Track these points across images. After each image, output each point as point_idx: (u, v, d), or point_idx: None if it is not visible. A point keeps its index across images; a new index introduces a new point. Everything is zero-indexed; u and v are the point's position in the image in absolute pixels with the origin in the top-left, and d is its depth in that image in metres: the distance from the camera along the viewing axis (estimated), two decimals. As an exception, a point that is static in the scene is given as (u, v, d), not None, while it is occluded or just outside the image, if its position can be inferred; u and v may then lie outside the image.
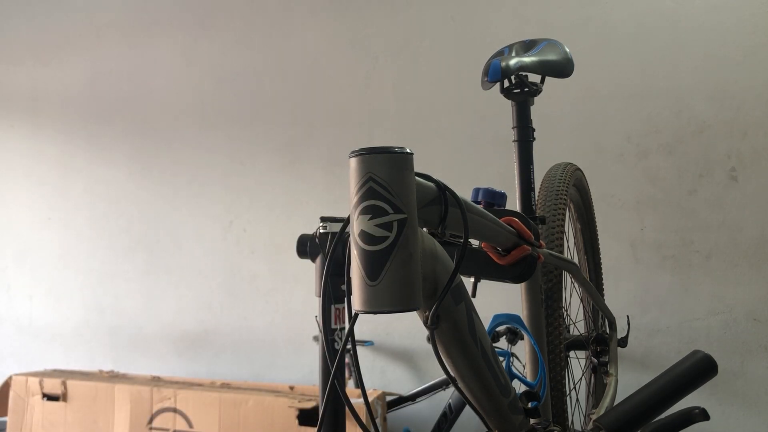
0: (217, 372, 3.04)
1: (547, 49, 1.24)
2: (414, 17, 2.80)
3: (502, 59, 1.19)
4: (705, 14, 2.29)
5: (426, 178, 0.53)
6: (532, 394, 0.69)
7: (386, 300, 0.44)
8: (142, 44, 3.38)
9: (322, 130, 2.95)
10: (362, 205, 0.45)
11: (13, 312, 3.59)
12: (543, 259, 0.83)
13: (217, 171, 3.15)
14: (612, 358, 1.44)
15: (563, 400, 1.26)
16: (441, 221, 0.53)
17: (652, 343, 2.29)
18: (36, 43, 3.65)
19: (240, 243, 3.09)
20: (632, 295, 2.29)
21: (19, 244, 3.61)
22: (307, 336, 2.82)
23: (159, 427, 2.44)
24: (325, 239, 1.20)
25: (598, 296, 1.43)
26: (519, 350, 1.23)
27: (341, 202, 2.82)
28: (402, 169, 0.46)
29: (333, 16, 2.97)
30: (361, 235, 0.45)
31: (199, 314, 3.14)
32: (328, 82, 2.96)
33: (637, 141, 2.34)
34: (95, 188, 3.43)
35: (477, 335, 0.58)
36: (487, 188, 0.93)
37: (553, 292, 1.26)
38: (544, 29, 2.45)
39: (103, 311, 3.36)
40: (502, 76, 1.18)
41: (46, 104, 3.61)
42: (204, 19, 3.25)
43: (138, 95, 3.38)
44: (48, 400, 2.62)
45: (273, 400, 2.24)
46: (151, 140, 3.32)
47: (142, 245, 3.30)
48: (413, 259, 0.45)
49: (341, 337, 1.19)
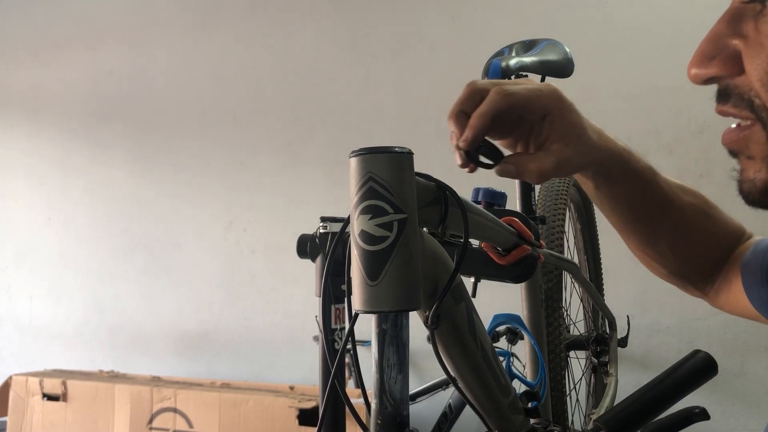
0: (217, 372, 3.04)
1: (547, 49, 1.24)
2: (414, 17, 2.80)
3: (502, 59, 1.19)
4: (705, 14, 2.28)
5: (426, 178, 0.53)
6: (532, 394, 0.69)
7: (386, 300, 0.44)
8: (142, 44, 3.38)
9: (322, 130, 2.95)
10: (362, 205, 0.45)
11: (13, 312, 3.59)
12: (543, 259, 0.83)
13: (217, 171, 3.15)
14: (612, 358, 1.44)
15: (563, 400, 1.26)
16: (441, 221, 0.53)
17: (652, 343, 2.29)
18: (36, 43, 3.65)
19: (240, 243, 3.08)
20: (632, 295, 2.29)
21: (19, 244, 3.61)
22: (307, 336, 2.82)
23: (159, 427, 2.44)
24: (325, 239, 1.20)
25: (598, 296, 1.43)
26: (519, 350, 1.23)
27: (341, 202, 2.82)
28: (402, 168, 0.45)
29: (333, 16, 2.97)
30: (361, 235, 0.45)
31: (199, 314, 3.14)
32: (328, 82, 2.96)
33: (637, 141, 2.34)
34: (95, 188, 3.43)
35: (477, 335, 0.58)
36: (487, 188, 0.93)
37: (553, 292, 1.25)
38: (544, 29, 2.45)
39: (103, 311, 3.36)
40: (502, 75, 1.18)
41: (46, 104, 3.61)
42: (204, 19, 3.25)
43: (138, 95, 3.38)
44: (48, 400, 2.62)
45: (273, 400, 2.24)
46: (151, 140, 3.32)
47: (142, 245, 3.30)
48: (413, 259, 0.45)
49: (341, 337, 1.19)
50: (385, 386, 0.46)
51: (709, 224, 0.73)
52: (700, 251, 0.74)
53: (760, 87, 0.41)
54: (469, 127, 0.49)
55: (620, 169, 0.62)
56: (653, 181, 0.66)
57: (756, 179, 0.43)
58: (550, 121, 0.54)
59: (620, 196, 0.66)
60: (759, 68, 0.41)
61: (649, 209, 0.68)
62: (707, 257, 0.74)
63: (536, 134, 0.56)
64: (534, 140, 0.57)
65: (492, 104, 0.49)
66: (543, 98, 0.53)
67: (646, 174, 0.65)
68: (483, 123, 0.49)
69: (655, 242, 0.72)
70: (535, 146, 0.57)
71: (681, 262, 0.75)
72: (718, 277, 0.75)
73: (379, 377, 0.46)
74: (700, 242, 0.73)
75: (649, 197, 0.66)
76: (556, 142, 0.55)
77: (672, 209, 0.69)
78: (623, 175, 0.63)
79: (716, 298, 0.77)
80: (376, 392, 0.47)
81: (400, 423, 0.46)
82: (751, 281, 0.68)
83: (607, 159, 0.60)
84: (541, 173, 0.53)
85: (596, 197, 0.68)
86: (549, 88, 0.54)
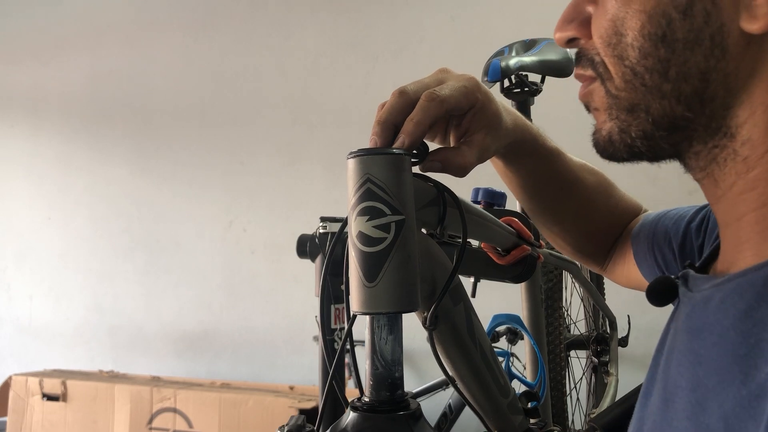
0: (217, 372, 3.04)
1: (547, 49, 1.24)
2: (414, 17, 2.80)
3: (502, 59, 1.19)
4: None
5: (424, 179, 0.53)
6: (532, 394, 0.69)
7: (384, 301, 0.44)
8: (142, 44, 3.38)
9: (322, 130, 2.95)
10: (360, 206, 0.45)
11: (13, 312, 3.59)
12: (543, 258, 0.83)
13: (217, 171, 3.15)
14: (612, 357, 1.44)
15: (563, 400, 1.26)
16: (440, 222, 0.53)
17: (652, 343, 2.28)
18: (36, 43, 3.65)
19: (240, 243, 3.08)
20: (632, 294, 2.28)
21: (19, 244, 3.61)
22: (307, 336, 2.82)
23: (159, 427, 2.44)
24: (324, 239, 1.20)
25: (599, 296, 1.43)
26: (519, 350, 1.23)
27: (341, 202, 2.81)
28: (400, 170, 0.45)
29: (333, 16, 2.97)
30: (359, 237, 0.44)
31: (199, 314, 3.14)
32: (328, 82, 2.96)
33: (638, 141, 2.34)
34: (95, 188, 3.43)
35: (476, 336, 0.58)
36: (487, 188, 0.93)
37: (553, 291, 1.26)
38: (544, 29, 2.45)
39: (103, 311, 3.36)
40: (502, 75, 1.18)
41: (46, 104, 3.61)
42: (204, 19, 3.25)
43: (138, 95, 3.38)
44: (48, 400, 2.62)
45: (273, 400, 2.24)
46: (151, 140, 3.32)
47: (142, 245, 3.30)
48: (411, 260, 0.45)
49: (341, 337, 1.19)
50: (376, 347, 0.46)
51: (611, 202, 0.78)
52: (602, 228, 0.78)
53: (600, 45, 0.46)
54: (407, 134, 0.50)
55: (529, 147, 0.65)
56: (559, 160, 0.69)
57: (602, 129, 0.48)
58: (473, 113, 0.55)
59: (528, 174, 0.69)
60: (601, 27, 0.45)
61: (555, 187, 0.71)
62: (608, 234, 0.79)
63: (456, 126, 0.57)
64: (454, 132, 0.58)
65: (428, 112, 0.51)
66: (469, 95, 0.54)
67: (552, 153, 0.68)
68: (421, 130, 0.50)
69: (561, 220, 0.75)
70: (455, 138, 0.58)
71: (584, 239, 0.79)
72: (614, 252, 0.80)
73: (371, 339, 0.46)
74: (601, 219, 0.78)
75: (555, 175, 0.69)
76: (477, 133, 0.56)
77: (577, 188, 0.72)
78: (531, 153, 0.65)
79: (613, 271, 0.82)
80: (367, 354, 0.47)
81: (391, 384, 0.46)
82: (640, 251, 0.72)
83: (518, 139, 0.62)
84: (465, 167, 0.54)
85: (505, 175, 0.71)
86: (471, 83, 0.55)
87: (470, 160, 0.54)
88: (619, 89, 0.45)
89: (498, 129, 0.57)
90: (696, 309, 0.45)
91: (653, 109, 0.44)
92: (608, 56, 0.45)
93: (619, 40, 0.44)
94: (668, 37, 0.42)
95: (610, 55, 0.45)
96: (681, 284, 0.49)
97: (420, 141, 0.51)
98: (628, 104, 0.45)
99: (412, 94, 0.52)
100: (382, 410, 0.46)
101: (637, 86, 0.44)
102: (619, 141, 0.47)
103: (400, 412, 0.46)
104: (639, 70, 0.43)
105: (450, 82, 0.54)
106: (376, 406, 0.46)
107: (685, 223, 0.66)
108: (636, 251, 0.73)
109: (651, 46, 0.42)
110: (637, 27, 0.43)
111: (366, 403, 0.47)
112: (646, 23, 0.42)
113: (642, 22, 0.42)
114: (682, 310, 0.48)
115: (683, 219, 0.67)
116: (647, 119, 0.44)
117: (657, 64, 0.42)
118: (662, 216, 0.71)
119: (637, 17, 0.43)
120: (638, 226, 0.74)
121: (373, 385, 0.46)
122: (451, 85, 0.53)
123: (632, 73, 0.44)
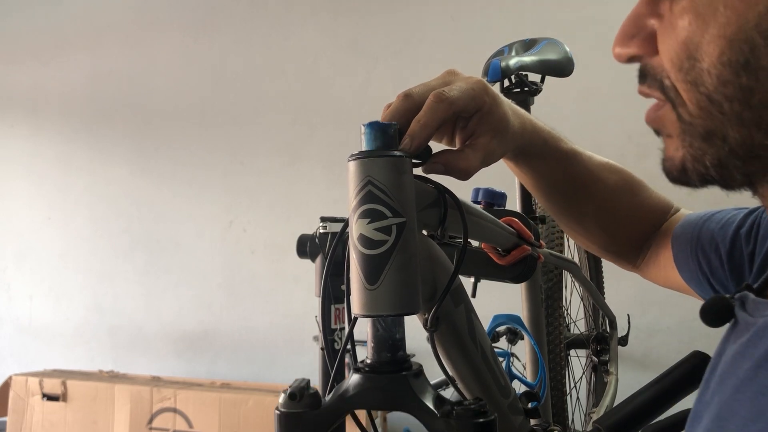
0: (217, 372, 3.04)
1: (547, 49, 1.24)
2: (414, 17, 2.80)
3: (501, 59, 1.19)
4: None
5: (425, 181, 0.53)
6: (532, 394, 0.69)
7: (385, 304, 0.44)
8: (142, 44, 3.38)
9: (322, 130, 2.95)
10: (361, 208, 0.45)
11: (13, 312, 3.59)
12: (543, 258, 0.83)
13: (217, 171, 3.15)
14: (612, 356, 1.44)
15: (563, 400, 1.26)
16: (440, 224, 0.53)
17: (652, 343, 2.29)
18: (36, 43, 3.65)
19: (240, 243, 3.09)
20: (632, 294, 2.29)
21: (19, 244, 3.61)
22: (307, 336, 2.82)
23: (159, 427, 2.44)
24: (325, 239, 1.20)
25: (599, 295, 1.43)
26: (519, 350, 1.23)
27: (341, 202, 2.81)
28: (401, 172, 0.45)
29: (333, 16, 2.97)
30: (360, 239, 0.44)
31: (199, 314, 3.14)
32: (328, 82, 2.96)
33: (637, 141, 2.34)
34: (95, 188, 3.43)
35: (476, 336, 0.58)
36: (487, 188, 0.93)
37: (553, 291, 1.26)
38: (544, 29, 2.45)
39: (103, 311, 3.36)
40: (501, 75, 1.17)
41: (46, 104, 3.61)
42: (204, 19, 3.25)
43: (138, 95, 3.38)
44: (48, 400, 2.63)
45: (273, 400, 2.24)
46: (151, 140, 3.32)
47: (142, 245, 3.30)
48: (412, 262, 0.45)
49: (341, 337, 1.19)
50: None
51: (635, 201, 0.76)
52: (628, 227, 0.77)
53: (670, 67, 0.42)
54: (413, 136, 0.49)
55: (538, 150, 0.64)
56: (575, 162, 0.68)
57: (675, 157, 0.45)
58: (480, 117, 0.54)
59: (540, 176, 0.68)
60: (669, 48, 0.42)
61: (570, 188, 0.70)
62: (635, 232, 0.77)
63: (462, 128, 0.56)
64: (460, 134, 0.57)
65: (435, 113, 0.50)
66: (476, 97, 0.53)
67: (566, 155, 0.66)
68: (428, 132, 0.49)
69: (582, 220, 0.75)
70: (461, 140, 0.57)
71: (609, 238, 0.78)
72: (648, 251, 0.78)
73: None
74: (626, 219, 0.76)
75: (569, 177, 0.68)
76: (483, 137, 0.55)
77: (596, 188, 0.71)
78: (541, 156, 0.64)
79: (647, 270, 0.80)
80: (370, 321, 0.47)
81: (392, 345, 0.46)
82: (681, 254, 0.70)
83: (526, 143, 0.61)
84: (468, 171, 0.53)
85: (519, 176, 0.70)
86: (479, 85, 0.53)
87: (474, 163, 0.53)
88: (693, 116, 0.42)
89: (504, 133, 0.56)
90: (758, 336, 0.43)
91: (731, 137, 0.40)
92: (680, 81, 0.42)
93: (693, 65, 0.40)
94: (752, 65, 0.38)
95: (682, 80, 0.41)
96: (738, 307, 0.47)
97: (426, 143, 0.50)
98: (704, 131, 0.41)
99: (417, 97, 0.51)
100: (384, 371, 0.46)
101: (714, 114, 0.40)
102: (692, 170, 0.43)
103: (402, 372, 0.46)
104: (716, 98, 0.40)
105: (458, 83, 0.53)
106: (377, 366, 0.46)
107: (734, 228, 0.63)
108: (676, 254, 0.71)
109: (731, 74, 0.39)
110: (716, 54, 0.39)
111: (368, 364, 0.47)
112: (726, 50, 0.38)
113: (721, 49, 0.39)
114: (741, 335, 0.46)
115: (731, 224, 0.64)
116: (723, 147, 0.41)
117: (738, 92, 0.39)
118: (706, 219, 0.69)
119: (716, 43, 0.39)
120: (679, 227, 0.72)
121: (375, 347, 0.47)
122: (459, 86, 0.52)
123: (708, 101, 0.40)
